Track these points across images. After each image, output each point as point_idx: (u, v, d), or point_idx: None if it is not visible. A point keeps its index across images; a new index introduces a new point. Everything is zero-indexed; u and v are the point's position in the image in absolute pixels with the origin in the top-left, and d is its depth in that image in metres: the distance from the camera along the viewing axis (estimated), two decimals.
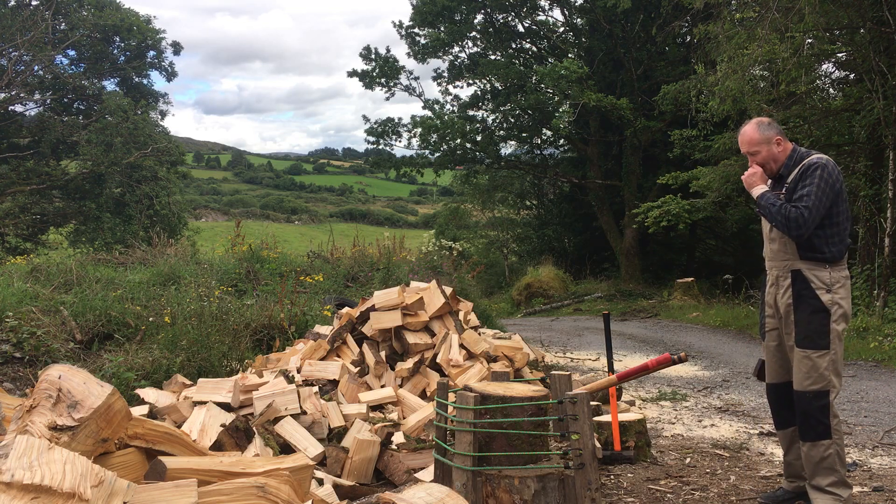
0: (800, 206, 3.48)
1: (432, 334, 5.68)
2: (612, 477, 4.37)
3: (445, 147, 22.48)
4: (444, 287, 5.90)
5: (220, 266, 9.63)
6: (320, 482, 3.61)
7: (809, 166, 3.55)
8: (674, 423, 5.88)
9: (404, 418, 4.75)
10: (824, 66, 13.39)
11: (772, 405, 3.89)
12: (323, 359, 5.47)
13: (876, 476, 4.38)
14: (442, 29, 23.10)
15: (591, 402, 4.18)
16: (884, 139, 11.32)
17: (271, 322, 6.96)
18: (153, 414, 4.34)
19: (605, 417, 4.79)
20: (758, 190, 3.68)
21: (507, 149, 26.03)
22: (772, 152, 3.67)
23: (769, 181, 3.78)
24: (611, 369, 4.75)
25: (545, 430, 3.11)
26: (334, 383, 5.14)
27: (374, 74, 23.74)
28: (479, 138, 23.03)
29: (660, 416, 6.14)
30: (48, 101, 24.57)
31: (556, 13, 25.76)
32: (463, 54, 24.03)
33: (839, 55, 12.51)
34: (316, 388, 4.74)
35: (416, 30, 23.67)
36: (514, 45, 24.31)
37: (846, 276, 3.59)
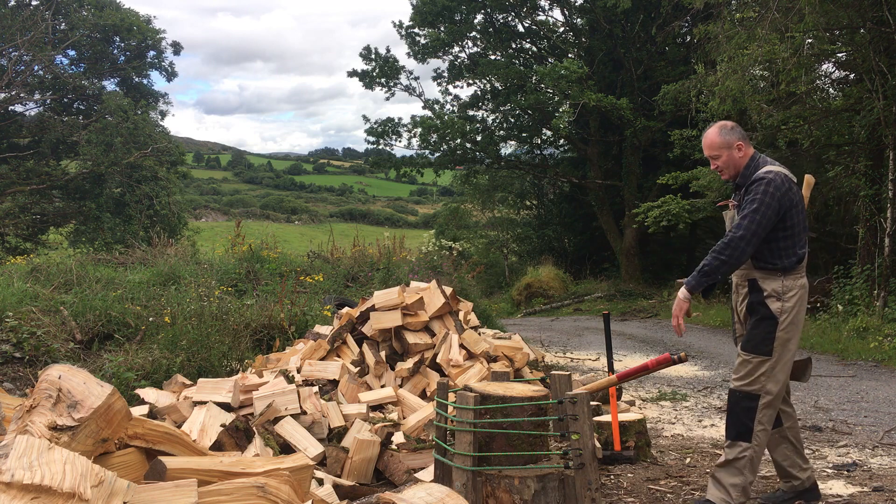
0: (730, 233, 3.52)
1: (432, 334, 5.68)
2: (612, 477, 4.37)
3: (445, 147, 22.48)
4: (444, 287, 5.90)
5: (220, 266, 9.63)
6: (320, 482, 3.61)
7: (754, 181, 3.55)
8: (674, 423, 5.88)
9: (404, 418, 4.75)
10: (824, 66, 13.39)
11: None
12: (323, 359, 5.47)
13: (876, 476, 4.38)
14: (442, 29, 23.11)
15: (591, 402, 4.18)
16: (884, 139, 11.32)
17: (271, 322, 6.95)
18: (153, 414, 4.34)
19: (605, 417, 4.79)
20: (682, 294, 3.68)
21: (507, 149, 26.07)
22: (732, 157, 3.66)
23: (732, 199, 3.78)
24: (611, 369, 4.75)
25: (545, 430, 3.11)
26: (334, 383, 5.14)
27: (375, 74, 23.74)
28: (479, 138, 23.03)
29: (660, 416, 6.14)
30: (48, 101, 24.57)
31: (556, 13, 25.78)
32: (463, 54, 24.05)
33: (839, 55, 12.51)
34: (316, 388, 4.74)
35: (416, 30, 23.67)
36: (514, 45, 24.31)
37: (801, 285, 3.57)
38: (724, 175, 3.75)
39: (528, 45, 24.69)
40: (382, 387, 5.24)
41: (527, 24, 24.08)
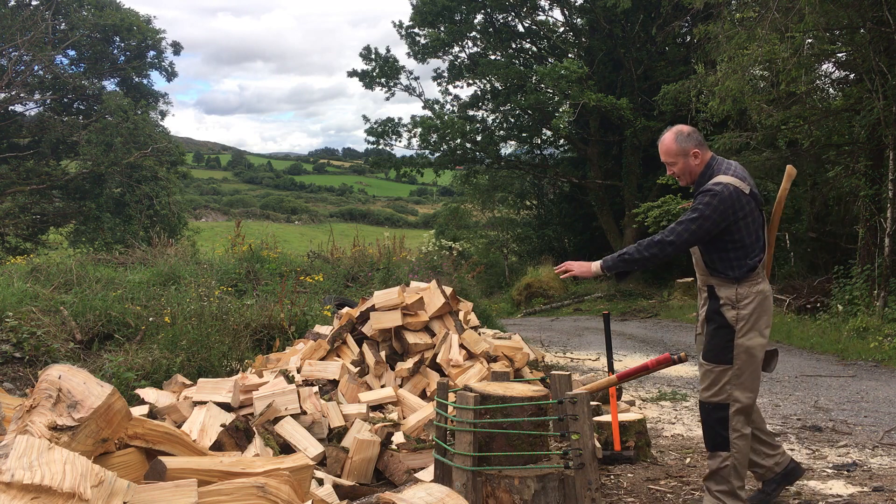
0: (665, 233, 3.50)
1: (432, 334, 5.68)
2: (612, 477, 4.38)
3: (445, 147, 22.48)
4: (444, 287, 5.90)
5: (220, 266, 9.63)
6: (320, 482, 3.61)
7: (701, 192, 3.52)
8: (674, 423, 5.88)
9: (404, 418, 4.75)
10: (824, 66, 13.40)
11: None
12: (323, 359, 5.47)
13: (876, 476, 4.38)
14: (442, 29, 23.11)
15: (591, 402, 4.18)
16: (884, 139, 11.32)
17: (271, 322, 6.96)
18: (153, 414, 4.34)
19: (605, 417, 4.79)
20: (594, 266, 3.62)
21: (507, 149, 26.08)
22: (688, 164, 3.63)
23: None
24: (611, 369, 4.75)
25: (545, 430, 3.11)
26: (334, 383, 5.14)
27: (375, 74, 23.75)
28: (479, 138, 23.04)
29: (660, 416, 6.14)
30: (48, 101, 24.57)
31: (556, 13, 25.79)
32: (463, 54, 24.05)
33: (839, 55, 12.51)
34: (316, 388, 4.74)
35: (416, 30, 23.68)
36: (514, 45, 24.31)
37: (758, 291, 3.52)
38: (681, 181, 3.73)
39: (528, 45, 24.69)
40: (382, 387, 5.24)
41: (527, 24, 24.08)
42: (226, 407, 4.36)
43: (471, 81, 24.00)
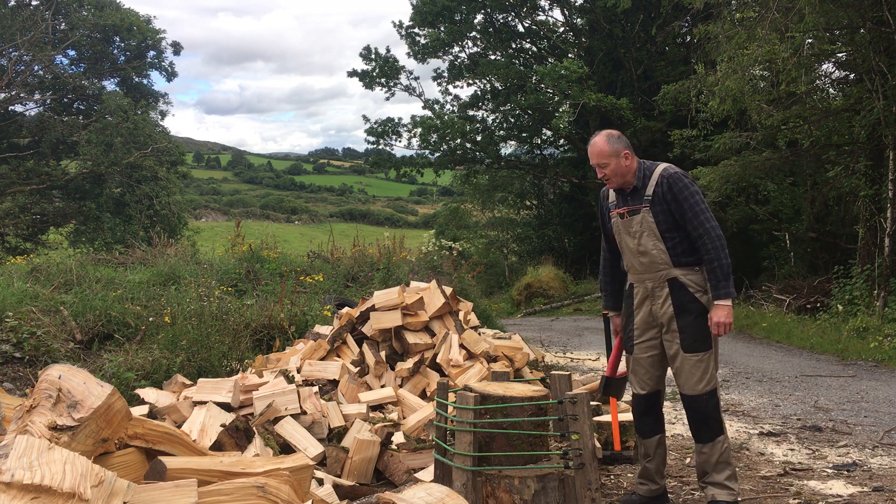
0: (711, 233, 3.54)
1: (432, 334, 5.68)
2: (612, 477, 4.38)
3: (445, 147, 22.47)
4: (444, 287, 5.90)
5: (220, 266, 9.63)
6: (320, 482, 3.61)
7: (670, 178, 3.62)
8: (674, 423, 5.88)
9: (404, 418, 4.75)
10: (824, 66, 13.40)
11: (638, 415, 3.87)
12: (323, 359, 5.47)
13: (876, 476, 4.38)
14: (442, 29, 23.10)
15: (591, 402, 4.18)
16: (884, 139, 11.33)
17: (271, 322, 6.96)
18: (153, 414, 4.34)
19: (605, 417, 4.79)
20: (725, 302, 3.55)
21: (507, 149, 26.06)
22: (620, 165, 3.70)
23: (630, 203, 3.74)
24: None
25: (545, 430, 3.11)
26: (334, 383, 5.14)
27: (375, 74, 23.74)
28: (479, 138, 23.03)
29: None
30: (48, 101, 24.57)
31: (556, 13, 25.78)
32: (463, 54, 24.04)
33: (839, 55, 12.52)
34: (316, 388, 4.74)
35: (416, 30, 23.67)
36: (514, 45, 24.31)
37: None
38: (610, 184, 3.77)
39: (528, 45, 24.69)
40: (382, 387, 5.24)
41: (527, 24, 24.08)
42: (226, 407, 4.36)
43: (471, 81, 23.99)
